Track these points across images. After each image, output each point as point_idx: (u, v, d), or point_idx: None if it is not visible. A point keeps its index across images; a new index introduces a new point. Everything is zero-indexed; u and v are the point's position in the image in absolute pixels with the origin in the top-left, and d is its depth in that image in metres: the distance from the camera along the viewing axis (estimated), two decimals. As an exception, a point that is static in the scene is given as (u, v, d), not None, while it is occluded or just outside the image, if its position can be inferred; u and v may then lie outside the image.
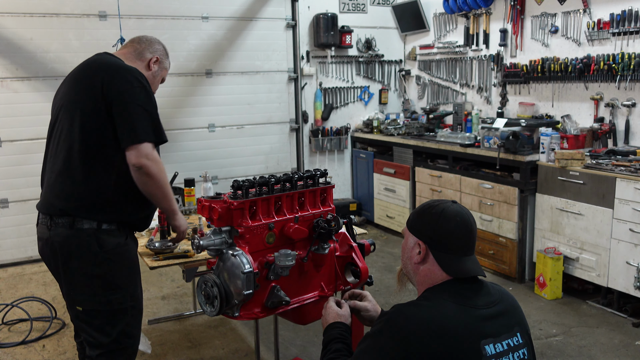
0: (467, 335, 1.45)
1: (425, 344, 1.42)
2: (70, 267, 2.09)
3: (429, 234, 1.60)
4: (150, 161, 2.05)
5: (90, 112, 2.08)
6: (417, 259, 1.63)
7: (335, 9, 6.02)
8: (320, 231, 2.14)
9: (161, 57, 2.40)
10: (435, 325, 1.45)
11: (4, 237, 4.86)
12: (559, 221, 3.98)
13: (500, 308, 1.56)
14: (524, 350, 1.54)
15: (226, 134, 5.67)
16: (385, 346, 1.46)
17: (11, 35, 4.70)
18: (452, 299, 1.52)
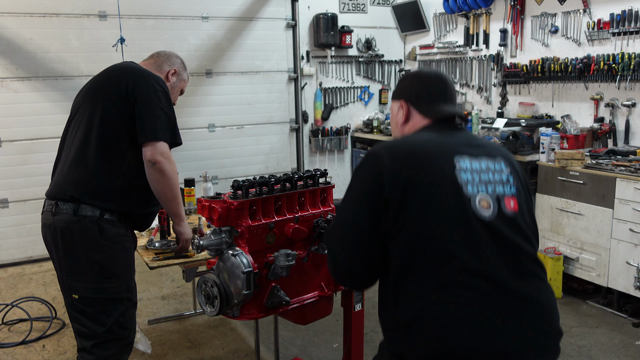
0: (440, 150, 1.50)
1: (395, 156, 1.47)
2: (70, 252, 2.14)
3: (408, 91, 1.71)
4: (165, 159, 2.16)
5: (112, 107, 2.18)
6: (401, 120, 1.72)
7: (335, 9, 6.02)
8: (320, 231, 2.14)
9: (179, 69, 2.51)
10: (409, 142, 1.54)
11: (4, 237, 4.86)
12: (559, 221, 3.98)
13: (483, 142, 1.62)
14: (508, 177, 1.53)
15: (226, 134, 5.67)
16: (363, 170, 1.53)
17: (11, 35, 4.70)
18: (429, 131, 1.62)
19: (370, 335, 3.47)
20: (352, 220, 1.50)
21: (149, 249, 2.67)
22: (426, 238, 1.40)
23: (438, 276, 1.38)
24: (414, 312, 1.39)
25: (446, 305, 1.36)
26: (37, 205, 4.61)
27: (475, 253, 1.39)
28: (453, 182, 1.45)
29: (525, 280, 1.41)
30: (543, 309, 1.42)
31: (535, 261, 1.47)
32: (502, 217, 1.46)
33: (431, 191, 1.43)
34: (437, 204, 1.42)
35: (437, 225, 1.41)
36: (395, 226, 1.42)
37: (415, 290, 1.40)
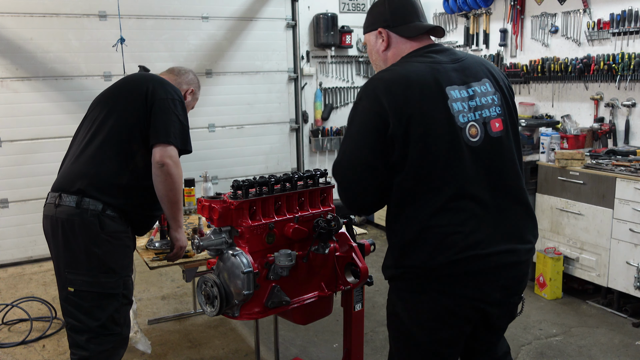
0: (430, 82, 1.63)
1: (392, 92, 1.60)
2: (69, 245, 2.16)
3: (382, 18, 1.78)
4: (174, 163, 2.21)
5: (128, 108, 2.26)
6: (382, 47, 1.80)
7: (335, 9, 6.02)
8: (320, 231, 2.14)
9: (195, 89, 2.68)
10: (402, 76, 1.63)
11: (4, 237, 4.86)
12: (559, 221, 3.98)
13: (467, 63, 1.73)
14: (493, 97, 1.71)
15: (226, 134, 5.67)
16: (364, 107, 1.65)
17: (11, 35, 4.70)
18: (417, 59, 1.70)
19: (370, 335, 3.48)
20: (362, 157, 1.64)
21: (149, 249, 2.67)
22: (425, 169, 1.60)
23: (433, 203, 1.60)
24: (413, 235, 1.62)
25: (440, 227, 1.59)
26: (37, 205, 4.63)
27: (465, 178, 1.61)
28: (447, 114, 1.62)
29: (502, 193, 1.66)
30: (525, 213, 1.72)
31: (517, 174, 1.72)
32: (488, 141, 1.66)
33: (429, 125, 1.60)
34: (435, 137, 1.60)
35: (433, 157, 1.60)
36: (400, 160, 1.61)
37: (413, 217, 1.63)
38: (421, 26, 1.78)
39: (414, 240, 1.64)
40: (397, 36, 1.78)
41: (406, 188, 1.63)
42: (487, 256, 1.61)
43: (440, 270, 1.62)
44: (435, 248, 1.60)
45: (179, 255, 2.45)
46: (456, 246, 1.59)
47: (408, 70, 1.66)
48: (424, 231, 1.61)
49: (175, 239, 2.39)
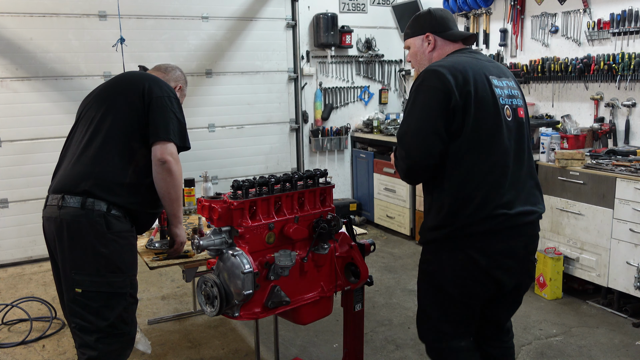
0: (479, 71, 2.00)
1: (454, 74, 1.93)
2: (76, 246, 2.14)
3: (429, 25, 2.18)
4: (174, 160, 2.23)
5: (126, 107, 2.27)
6: (429, 49, 2.18)
7: (335, 9, 6.02)
8: (320, 231, 2.14)
9: (182, 85, 2.64)
10: (457, 64, 1.98)
11: (4, 237, 4.86)
12: (559, 221, 3.98)
13: (496, 63, 2.17)
14: (517, 91, 2.12)
15: (226, 134, 5.67)
16: (429, 86, 1.95)
17: (11, 35, 4.70)
18: (462, 54, 2.10)
19: (370, 335, 3.47)
20: (430, 125, 1.93)
21: (149, 249, 2.67)
22: (477, 136, 1.94)
23: (480, 167, 1.95)
24: (463, 193, 1.95)
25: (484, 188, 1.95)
26: (37, 205, 4.63)
27: (502, 149, 1.98)
28: (493, 95, 1.99)
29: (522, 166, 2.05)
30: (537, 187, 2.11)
31: (530, 155, 2.13)
32: (517, 122, 2.05)
33: (482, 101, 1.95)
34: (485, 111, 1.96)
35: (484, 126, 1.95)
36: (459, 128, 1.93)
37: (464, 179, 1.96)
38: (460, 33, 2.19)
39: (462, 198, 1.95)
40: (441, 40, 2.17)
41: (460, 153, 1.95)
42: (514, 215, 1.96)
43: (480, 224, 1.94)
44: (478, 204, 1.94)
45: (179, 251, 2.47)
46: (493, 204, 1.94)
47: (461, 61, 2.02)
48: (471, 189, 1.95)
49: (176, 234, 2.41)
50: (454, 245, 1.99)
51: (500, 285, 2.03)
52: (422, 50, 2.19)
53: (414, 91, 2.00)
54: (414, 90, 2.01)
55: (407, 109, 2.02)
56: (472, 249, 1.97)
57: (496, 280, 2.01)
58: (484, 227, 1.94)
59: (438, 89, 1.93)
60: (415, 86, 2.00)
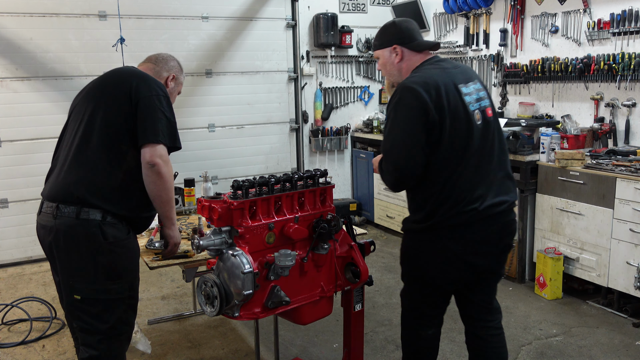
0: (449, 82, 2.17)
1: (428, 90, 2.10)
2: (72, 255, 2.14)
3: (396, 37, 2.30)
4: (164, 162, 2.17)
5: (114, 108, 2.21)
6: (397, 60, 2.31)
7: (335, 9, 6.02)
8: (320, 231, 2.14)
9: (177, 74, 2.55)
10: (429, 78, 2.15)
11: (4, 237, 4.86)
12: (559, 221, 3.98)
13: (462, 68, 2.32)
14: (483, 92, 2.29)
15: (226, 134, 5.67)
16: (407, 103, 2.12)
17: (11, 35, 4.69)
18: (430, 66, 2.25)
19: (370, 335, 3.47)
20: (411, 139, 2.11)
21: (149, 249, 2.66)
22: (454, 144, 2.14)
23: (456, 170, 2.15)
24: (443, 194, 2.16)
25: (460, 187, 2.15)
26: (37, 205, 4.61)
27: (474, 151, 2.17)
28: (463, 104, 2.17)
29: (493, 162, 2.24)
30: (507, 177, 2.30)
31: (502, 148, 2.30)
32: (485, 122, 2.23)
33: (455, 113, 2.14)
34: (459, 121, 2.15)
35: (458, 135, 2.14)
36: (438, 139, 2.12)
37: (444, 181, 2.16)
38: (425, 43, 2.33)
39: (442, 198, 2.15)
40: (408, 51, 2.30)
41: (439, 161, 2.14)
42: (483, 210, 2.17)
43: (455, 219, 2.15)
44: (454, 202, 2.15)
45: (173, 252, 2.43)
46: (467, 200, 2.15)
47: (431, 75, 2.18)
48: (449, 191, 2.15)
49: (169, 236, 2.35)
50: (432, 236, 2.21)
51: (475, 268, 2.25)
52: (390, 61, 2.33)
53: (393, 109, 2.17)
54: (392, 107, 2.17)
55: (389, 125, 2.19)
56: (448, 239, 2.19)
57: (471, 264, 2.23)
58: (457, 221, 2.16)
59: (415, 106, 2.10)
60: (393, 104, 2.17)
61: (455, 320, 3.67)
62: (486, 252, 2.25)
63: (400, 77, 2.32)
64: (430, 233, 2.21)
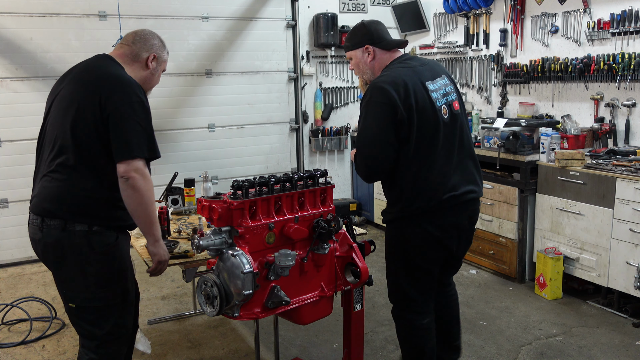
0: (417, 80, 2.32)
1: (397, 90, 2.25)
2: (62, 266, 2.13)
3: (366, 38, 2.45)
4: (139, 175, 2.05)
5: (85, 121, 2.08)
6: (369, 59, 2.46)
7: (335, 8, 6.02)
8: (320, 231, 2.14)
9: (157, 52, 2.40)
10: (398, 78, 2.30)
11: (4, 237, 4.86)
12: (559, 221, 3.98)
13: (430, 65, 2.48)
14: (450, 87, 2.46)
15: (226, 134, 5.67)
16: (377, 102, 2.27)
17: (11, 35, 4.70)
18: (399, 66, 2.39)
19: (370, 335, 3.47)
20: (381, 135, 2.27)
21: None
22: (422, 140, 2.31)
23: (426, 163, 2.33)
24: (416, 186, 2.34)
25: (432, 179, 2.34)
26: (37, 205, 4.61)
27: (442, 145, 2.35)
28: (430, 101, 2.33)
29: (461, 152, 2.44)
30: (475, 166, 2.51)
31: (469, 138, 2.50)
32: (452, 115, 2.41)
33: (422, 111, 2.30)
34: (426, 118, 2.31)
35: (426, 131, 2.32)
36: (407, 136, 2.29)
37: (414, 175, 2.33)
38: (394, 41, 2.50)
39: (416, 190, 2.34)
40: (379, 50, 2.46)
41: (409, 155, 2.31)
42: (459, 195, 2.39)
43: (434, 207, 2.35)
44: (430, 193, 2.34)
45: (159, 270, 2.27)
46: (442, 190, 2.35)
47: (400, 74, 2.33)
48: (422, 182, 2.33)
49: (153, 253, 2.21)
50: (413, 223, 2.39)
51: (449, 251, 2.48)
52: (363, 61, 2.48)
53: (365, 107, 2.33)
54: (364, 105, 2.33)
55: (361, 123, 2.35)
56: (428, 224, 2.38)
57: (447, 247, 2.45)
58: (436, 207, 2.36)
59: (385, 104, 2.26)
60: (365, 102, 2.32)
61: (455, 320, 3.67)
62: (458, 236, 2.47)
63: (373, 75, 2.48)
64: (410, 220, 2.39)
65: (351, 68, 2.58)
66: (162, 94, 5.02)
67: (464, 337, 3.43)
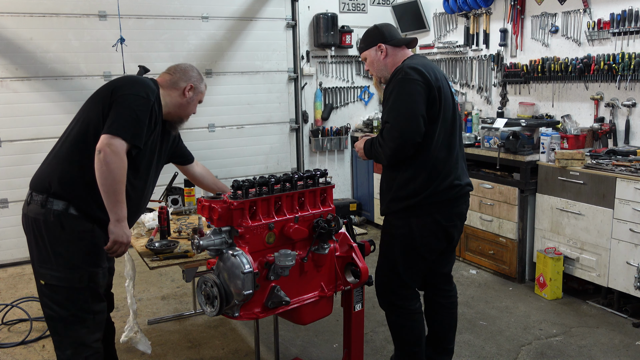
0: (440, 72, 2.54)
1: (428, 72, 2.42)
2: (38, 241, 2.26)
3: (379, 37, 2.60)
4: (111, 151, 2.13)
5: (95, 107, 2.26)
6: (383, 56, 2.60)
7: (335, 8, 6.02)
8: (320, 231, 2.14)
9: (195, 83, 2.55)
10: (427, 65, 2.48)
11: (4, 237, 4.86)
12: (559, 221, 3.98)
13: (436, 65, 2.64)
14: (452, 89, 2.62)
15: (226, 134, 5.67)
16: (412, 80, 2.40)
17: (11, 35, 4.70)
18: (419, 57, 2.58)
19: (370, 335, 3.47)
20: (416, 108, 2.38)
21: (149, 249, 2.66)
22: (443, 125, 2.49)
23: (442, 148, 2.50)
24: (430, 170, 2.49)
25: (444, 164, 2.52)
26: (37, 205, 4.61)
27: (455, 134, 2.58)
28: (451, 92, 2.56)
29: (459, 150, 2.62)
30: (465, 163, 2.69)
31: (461, 139, 2.68)
32: (459, 114, 2.65)
33: (446, 97, 2.50)
34: (448, 105, 2.51)
35: (447, 118, 2.51)
36: (436, 114, 2.44)
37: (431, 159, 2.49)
38: (404, 39, 2.63)
39: (436, 173, 2.48)
40: (391, 47, 2.60)
41: (433, 136, 2.45)
42: (462, 185, 2.58)
43: (442, 194, 2.49)
44: (450, 175, 2.51)
45: (116, 252, 2.27)
46: (452, 176, 2.52)
47: (426, 62, 2.51)
48: (446, 164, 2.50)
49: (110, 232, 2.22)
50: (422, 212, 2.51)
51: (450, 239, 2.63)
52: (377, 59, 2.61)
53: (398, 84, 2.42)
54: (396, 83, 2.43)
55: (393, 98, 2.42)
56: (437, 214, 2.52)
57: (450, 236, 2.61)
58: (447, 196, 2.51)
59: (420, 81, 2.39)
60: (398, 80, 2.43)
61: (455, 320, 3.67)
62: (458, 226, 2.63)
63: (387, 73, 2.59)
64: (419, 209, 2.50)
65: (367, 69, 2.70)
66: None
67: (464, 337, 3.43)
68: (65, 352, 2.29)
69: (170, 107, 2.45)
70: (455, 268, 4.64)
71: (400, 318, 2.67)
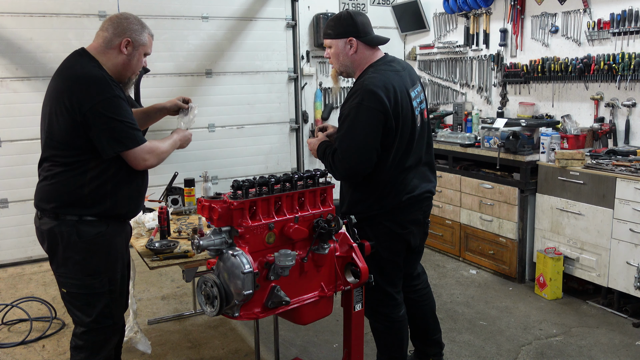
0: (403, 88, 2.41)
1: (388, 97, 2.32)
2: (55, 252, 2.26)
3: (352, 30, 2.41)
4: (143, 159, 2.24)
5: (59, 124, 2.17)
6: (351, 52, 2.44)
7: (335, 9, 6.02)
8: (320, 231, 2.14)
9: (132, 36, 2.39)
10: (389, 83, 2.35)
11: (4, 237, 4.86)
12: (559, 221, 3.98)
13: (408, 71, 2.52)
14: (422, 95, 2.58)
15: (226, 134, 5.67)
16: (369, 107, 2.30)
17: (11, 35, 4.69)
18: (384, 67, 2.42)
19: (370, 335, 3.47)
20: (369, 141, 2.34)
21: (149, 249, 2.66)
22: (402, 146, 2.44)
23: (401, 166, 2.47)
24: (390, 186, 2.47)
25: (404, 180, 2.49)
26: (37, 205, 4.61)
27: (414, 150, 2.50)
28: (411, 109, 2.45)
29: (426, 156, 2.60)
30: (431, 169, 2.67)
31: (430, 145, 2.65)
32: (422, 123, 2.55)
33: (405, 119, 2.41)
34: (408, 126, 2.43)
35: (406, 137, 2.44)
36: (392, 141, 2.40)
37: (391, 175, 2.46)
38: (378, 39, 2.47)
39: (390, 189, 2.47)
40: (362, 44, 2.44)
41: (385, 161, 2.42)
42: (418, 194, 2.54)
43: (401, 204, 2.50)
44: (401, 191, 2.48)
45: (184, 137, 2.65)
46: (403, 192, 2.49)
47: (389, 79, 2.36)
48: (396, 183, 2.47)
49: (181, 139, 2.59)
50: (373, 222, 2.51)
51: (409, 245, 2.60)
52: (344, 53, 2.44)
53: (355, 109, 2.33)
54: (353, 107, 2.34)
55: (347, 124, 2.36)
56: (389, 222, 2.51)
57: (407, 241, 2.58)
58: (403, 205, 2.51)
59: (378, 110, 2.30)
60: (355, 104, 2.33)
61: (455, 320, 3.67)
62: (414, 232, 2.60)
63: (351, 69, 2.47)
64: (370, 220, 2.51)
65: (327, 56, 2.51)
66: (162, 94, 5.01)
67: (464, 337, 3.43)
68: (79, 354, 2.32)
69: (113, 71, 2.30)
70: (455, 268, 4.65)
71: (382, 326, 2.68)
